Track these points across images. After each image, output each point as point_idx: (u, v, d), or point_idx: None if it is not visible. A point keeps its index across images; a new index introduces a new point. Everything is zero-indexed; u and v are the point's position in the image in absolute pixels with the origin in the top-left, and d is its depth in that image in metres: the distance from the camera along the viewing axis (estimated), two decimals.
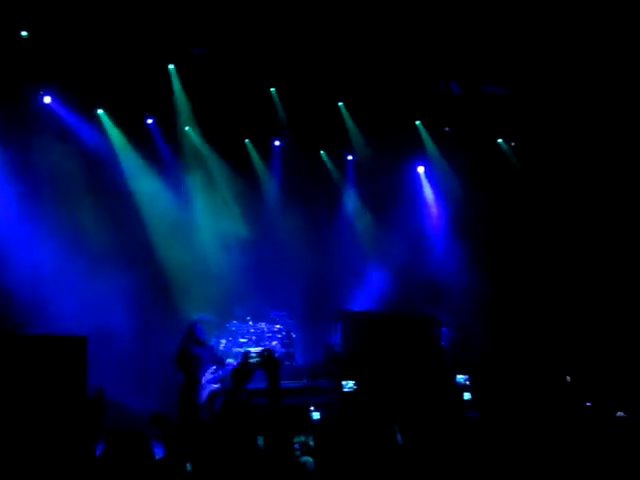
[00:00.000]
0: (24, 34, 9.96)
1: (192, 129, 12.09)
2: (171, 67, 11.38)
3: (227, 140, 12.19)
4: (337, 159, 13.36)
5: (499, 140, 13.60)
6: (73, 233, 10.61)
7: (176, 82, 11.50)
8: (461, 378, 11.07)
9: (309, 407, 9.36)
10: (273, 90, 12.08)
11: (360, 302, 12.56)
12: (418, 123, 13.23)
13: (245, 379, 6.66)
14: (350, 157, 13.39)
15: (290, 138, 12.55)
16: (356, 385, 10.27)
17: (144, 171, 11.67)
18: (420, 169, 13.83)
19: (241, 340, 11.58)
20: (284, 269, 12.21)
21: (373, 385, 10.24)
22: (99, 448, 4.17)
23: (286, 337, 11.94)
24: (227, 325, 11.61)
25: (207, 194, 12.17)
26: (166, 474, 3.74)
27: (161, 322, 11.27)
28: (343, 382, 10.35)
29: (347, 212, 13.38)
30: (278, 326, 11.98)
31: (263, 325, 11.88)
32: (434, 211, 13.81)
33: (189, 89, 11.57)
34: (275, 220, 12.55)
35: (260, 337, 11.75)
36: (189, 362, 9.08)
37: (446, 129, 13.31)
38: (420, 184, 13.86)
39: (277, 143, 12.84)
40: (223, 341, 11.34)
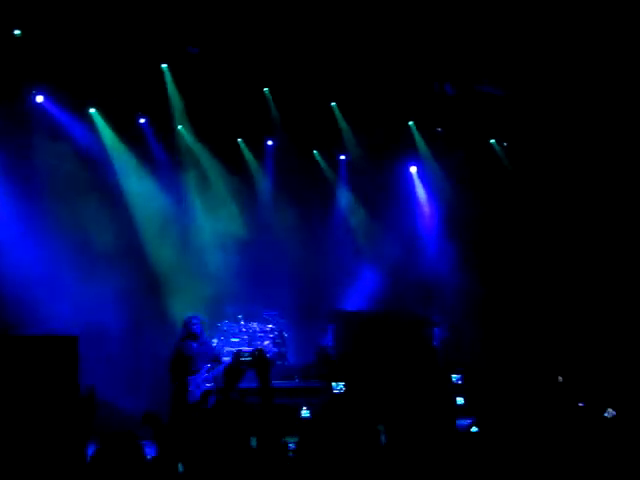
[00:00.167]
0: (17, 33, 9.93)
1: (185, 128, 12.08)
2: (164, 66, 11.38)
3: (220, 139, 12.18)
4: (330, 159, 13.37)
5: (491, 141, 13.64)
6: (65, 233, 10.57)
7: (169, 81, 11.50)
8: (454, 377, 11.14)
9: (300, 407, 9.35)
10: (266, 90, 12.09)
11: (352, 301, 12.57)
12: (411, 123, 13.27)
13: (236, 378, 6.66)
14: (343, 157, 13.41)
15: (283, 138, 12.55)
16: (345, 386, 10.29)
17: (136, 170, 11.65)
18: (413, 169, 13.85)
19: (233, 340, 11.57)
20: (277, 268, 12.22)
21: (363, 385, 10.26)
22: (91, 448, 4.16)
23: (278, 337, 11.94)
24: (219, 325, 11.61)
25: (200, 194, 12.16)
26: (158, 474, 3.74)
27: (153, 322, 11.25)
28: (333, 383, 10.38)
29: (340, 212, 13.39)
30: (270, 325, 11.98)
31: (255, 325, 11.88)
32: (426, 211, 13.84)
33: (182, 88, 11.57)
34: (268, 219, 12.55)
35: (252, 337, 11.74)
36: (183, 362, 9.01)
37: (439, 130, 13.35)
38: (413, 184, 13.88)
39: (270, 143, 12.85)
40: (215, 341, 11.32)
